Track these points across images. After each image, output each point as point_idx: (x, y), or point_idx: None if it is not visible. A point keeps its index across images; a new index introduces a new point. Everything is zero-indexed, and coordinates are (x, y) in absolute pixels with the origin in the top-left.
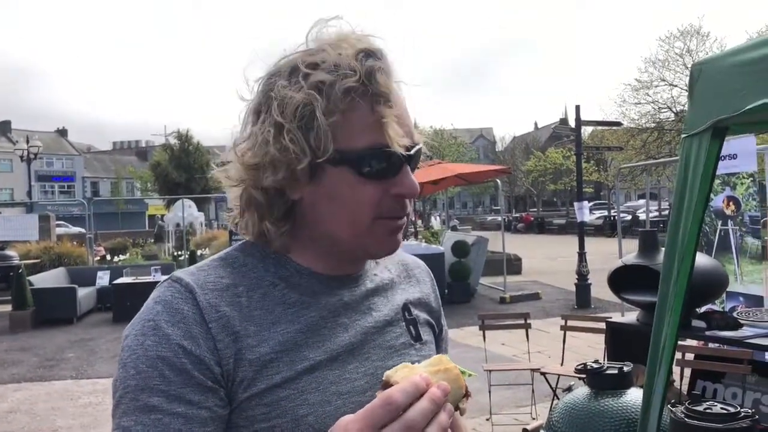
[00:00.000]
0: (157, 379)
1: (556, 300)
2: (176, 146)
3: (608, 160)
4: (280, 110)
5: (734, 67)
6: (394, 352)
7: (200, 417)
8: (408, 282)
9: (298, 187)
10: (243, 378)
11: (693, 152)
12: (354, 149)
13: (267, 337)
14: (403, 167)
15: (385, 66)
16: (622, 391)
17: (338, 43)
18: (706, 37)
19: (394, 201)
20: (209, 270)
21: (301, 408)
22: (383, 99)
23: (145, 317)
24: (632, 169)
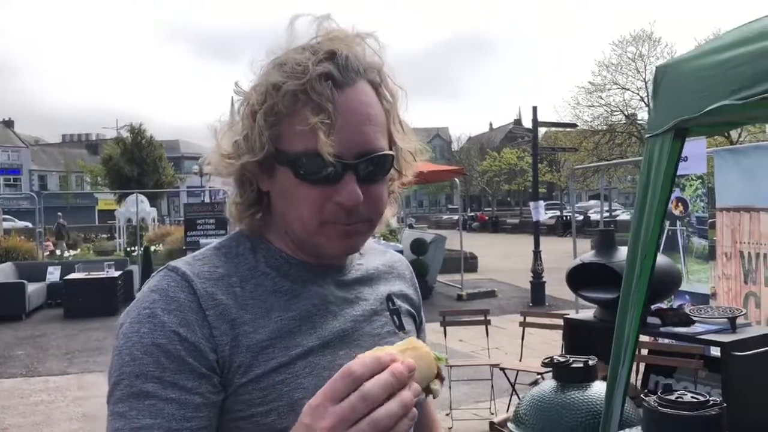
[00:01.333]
0: (152, 366)
1: (512, 297)
2: (129, 140)
3: (561, 161)
4: (240, 108)
5: (696, 70)
6: (381, 339)
7: (193, 402)
8: (390, 274)
9: (261, 179)
10: (240, 364)
11: (656, 152)
12: (290, 152)
13: (262, 324)
14: (344, 176)
15: (338, 71)
16: (587, 384)
17: (317, 44)
18: (658, 43)
19: (337, 208)
20: (204, 260)
21: (296, 392)
22: (316, 107)
23: (141, 305)
24: (584, 170)
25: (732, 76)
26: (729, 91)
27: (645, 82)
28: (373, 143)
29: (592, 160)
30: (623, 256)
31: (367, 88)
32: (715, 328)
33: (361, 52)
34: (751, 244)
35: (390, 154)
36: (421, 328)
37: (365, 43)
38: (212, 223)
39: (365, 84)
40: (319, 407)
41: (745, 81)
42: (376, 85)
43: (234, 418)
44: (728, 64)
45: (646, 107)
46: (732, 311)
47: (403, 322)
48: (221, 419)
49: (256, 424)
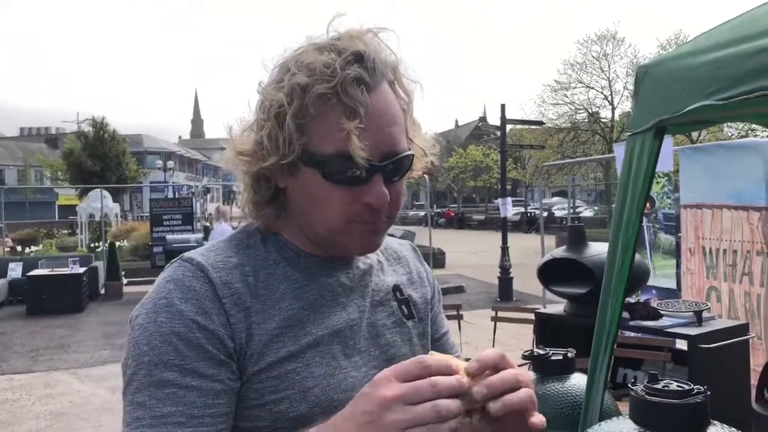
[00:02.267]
0: (171, 354)
1: (480, 293)
2: (90, 134)
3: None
4: (262, 106)
5: (676, 70)
6: (386, 329)
7: (214, 390)
8: (398, 263)
9: (281, 177)
10: (253, 352)
11: (636, 149)
12: (321, 153)
13: (274, 314)
14: (374, 177)
15: (365, 75)
16: (566, 376)
17: (338, 43)
18: (621, 42)
19: (364, 208)
20: (217, 251)
21: (308, 380)
22: (350, 110)
23: (157, 296)
24: (548, 167)
25: (712, 78)
26: (709, 92)
27: (609, 81)
28: (398, 144)
29: (557, 157)
30: (593, 251)
31: (388, 89)
32: (682, 321)
33: (377, 49)
34: (712, 240)
35: (411, 154)
36: (437, 306)
37: (379, 38)
38: (178, 218)
39: (386, 84)
40: (385, 379)
41: (724, 83)
42: (392, 84)
43: (248, 407)
44: (707, 66)
45: (609, 106)
46: (698, 305)
47: (413, 311)
48: (237, 408)
49: (270, 411)
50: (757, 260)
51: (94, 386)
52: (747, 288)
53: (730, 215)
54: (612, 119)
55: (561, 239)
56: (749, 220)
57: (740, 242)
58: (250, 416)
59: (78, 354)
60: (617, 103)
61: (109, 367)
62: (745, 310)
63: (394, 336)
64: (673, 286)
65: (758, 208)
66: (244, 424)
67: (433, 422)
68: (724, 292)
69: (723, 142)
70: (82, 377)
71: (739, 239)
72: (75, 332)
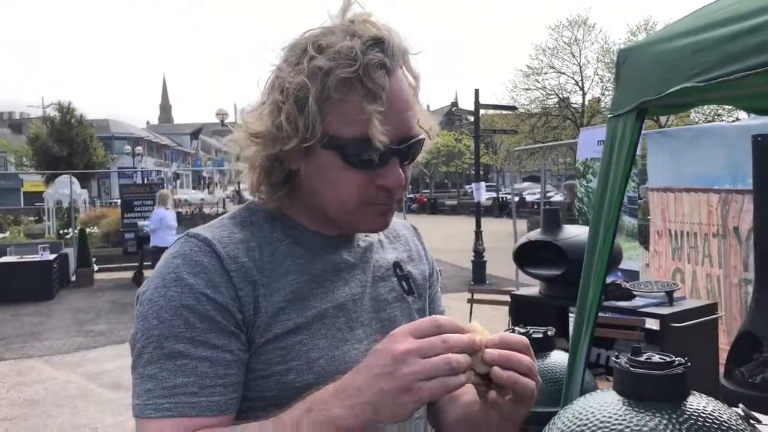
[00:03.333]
0: (182, 327)
1: (454, 276)
2: (57, 119)
3: (498, 144)
4: (280, 89)
5: (657, 54)
6: (387, 304)
7: (225, 360)
8: (398, 241)
9: (295, 159)
10: (260, 324)
11: (618, 131)
12: (342, 137)
13: (279, 287)
14: (390, 160)
15: (386, 60)
16: (547, 353)
17: (354, 27)
18: (592, 28)
19: (380, 190)
20: (222, 227)
21: (313, 351)
22: (371, 95)
23: (165, 271)
24: (520, 152)
25: (693, 61)
26: (690, 75)
27: (580, 67)
28: (413, 129)
29: (528, 142)
30: (567, 234)
31: (402, 73)
32: (654, 301)
33: (391, 34)
34: (677, 222)
35: (423, 138)
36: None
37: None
38: (150, 204)
39: (401, 69)
40: (399, 335)
41: (704, 66)
42: (403, 69)
43: (255, 377)
44: (688, 49)
45: (580, 91)
46: (669, 285)
47: (413, 286)
48: (246, 379)
49: (277, 382)
50: (714, 242)
51: (69, 373)
52: (708, 270)
53: (690, 198)
54: (583, 104)
55: (532, 223)
56: (709, 203)
57: (699, 225)
58: (258, 386)
59: (51, 341)
60: (588, 89)
61: (84, 354)
62: (707, 291)
63: (394, 310)
64: (636, 268)
65: (718, 191)
66: (252, 394)
67: (445, 375)
68: (688, 273)
69: (689, 127)
70: (56, 364)
71: (698, 222)
72: (46, 319)
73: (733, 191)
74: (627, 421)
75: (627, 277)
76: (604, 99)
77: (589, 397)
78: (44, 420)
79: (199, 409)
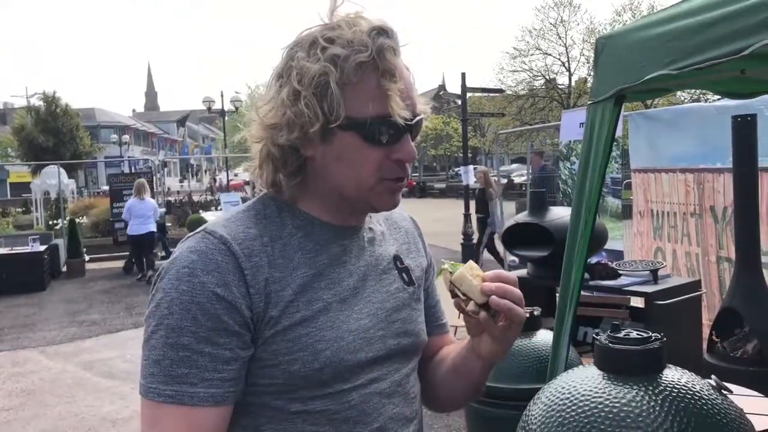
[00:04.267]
0: (189, 321)
1: (444, 258)
2: (42, 108)
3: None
4: (299, 78)
5: (634, 42)
6: (390, 296)
7: (224, 357)
8: (398, 232)
9: (310, 146)
10: (270, 318)
11: (598, 117)
12: (362, 117)
13: (290, 281)
14: (404, 135)
15: (394, 44)
16: (533, 332)
17: (354, 20)
18: (578, 9)
19: (395, 164)
20: (237, 222)
21: (320, 343)
22: (389, 74)
23: (180, 264)
24: (507, 135)
25: (668, 49)
26: (665, 62)
27: (566, 48)
28: (419, 106)
29: (516, 124)
30: (554, 215)
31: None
32: (639, 280)
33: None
34: (658, 203)
35: (424, 117)
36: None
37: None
38: None
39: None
40: None
41: (679, 53)
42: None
43: (263, 366)
44: (663, 37)
45: (566, 72)
46: (654, 264)
47: (412, 278)
48: (253, 367)
49: (284, 371)
50: (692, 221)
51: (64, 363)
52: (687, 248)
53: (669, 178)
54: (569, 85)
55: (521, 205)
56: (686, 183)
57: (678, 204)
58: (266, 374)
59: (44, 332)
60: (574, 70)
61: (78, 344)
62: (687, 269)
63: (396, 301)
64: (621, 248)
65: (692, 170)
66: (260, 381)
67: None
68: (668, 252)
69: (669, 108)
70: (51, 354)
71: (676, 201)
72: (39, 310)
73: (707, 171)
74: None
75: (612, 257)
76: (591, 79)
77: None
78: (42, 410)
79: (197, 399)
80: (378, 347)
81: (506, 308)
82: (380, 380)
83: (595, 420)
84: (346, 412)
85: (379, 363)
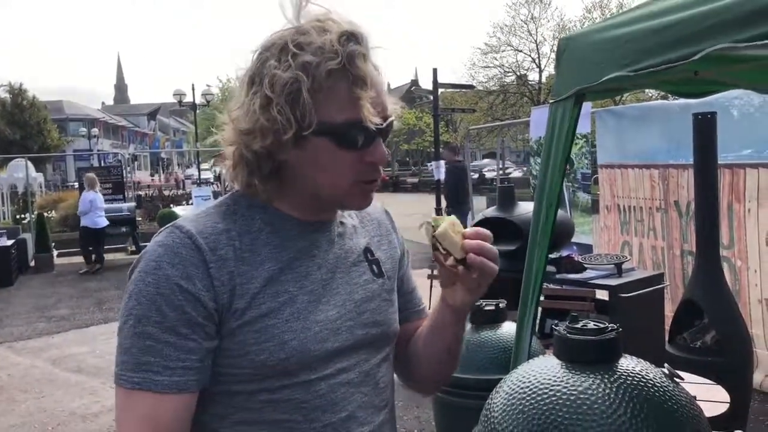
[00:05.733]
0: (154, 312)
1: (415, 254)
2: (8, 101)
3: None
4: (270, 85)
5: (595, 43)
6: (359, 287)
7: (187, 347)
8: (370, 224)
9: (284, 150)
10: (236, 309)
11: (558, 116)
12: (334, 122)
13: (256, 275)
14: (375, 139)
15: (364, 50)
16: (498, 324)
17: (324, 24)
18: (549, 6)
19: (368, 167)
20: (207, 217)
21: (286, 334)
22: (360, 82)
23: (149, 258)
24: (479, 130)
25: (624, 51)
26: (622, 64)
27: (536, 44)
28: (388, 109)
29: (487, 120)
30: (522, 210)
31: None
32: (604, 273)
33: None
34: (624, 198)
35: (394, 118)
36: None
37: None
38: (109, 187)
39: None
40: None
41: (635, 55)
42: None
43: (232, 356)
44: (621, 39)
45: (537, 68)
46: (618, 258)
47: (383, 270)
48: (221, 357)
49: (251, 361)
50: (657, 216)
51: (33, 358)
52: (653, 242)
53: (635, 174)
54: (539, 81)
55: (492, 199)
56: (651, 178)
57: (644, 199)
58: (234, 364)
59: (12, 327)
60: (544, 66)
61: (47, 339)
62: (653, 262)
63: (365, 292)
64: (590, 242)
65: (657, 166)
66: (227, 371)
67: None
68: (635, 246)
69: (635, 105)
70: (19, 350)
71: (642, 196)
72: (6, 306)
73: (671, 166)
74: (564, 382)
75: (581, 250)
76: None
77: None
78: (10, 405)
79: (161, 386)
80: (345, 337)
81: (482, 265)
82: (348, 370)
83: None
84: (314, 401)
85: (347, 353)
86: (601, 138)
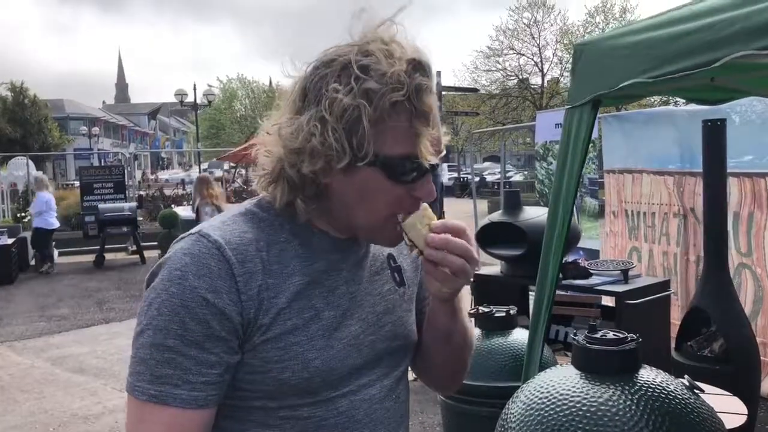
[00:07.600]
0: (177, 325)
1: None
2: (9, 99)
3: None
4: (329, 109)
5: (611, 50)
6: (382, 298)
7: (209, 361)
8: None
9: (330, 175)
10: (261, 324)
11: (575, 121)
12: (390, 156)
13: (284, 288)
14: (426, 175)
15: (430, 83)
16: (509, 331)
17: (388, 48)
18: (551, 9)
19: (413, 201)
20: (233, 225)
21: (310, 352)
22: (424, 118)
23: (173, 266)
24: (481, 133)
25: (642, 58)
26: (640, 71)
27: (539, 48)
28: (441, 143)
29: (489, 123)
30: (528, 215)
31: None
32: (610, 279)
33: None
34: (633, 203)
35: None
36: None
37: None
38: (110, 186)
39: None
40: None
41: (654, 62)
42: None
43: (254, 372)
44: (639, 46)
45: (539, 72)
46: (625, 264)
47: (403, 278)
48: (242, 373)
49: (273, 379)
50: (674, 222)
51: (33, 358)
52: (665, 248)
53: (650, 180)
54: (542, 85)
55: (493, 203)
56: (666, 184)
57: (658, 205)
58: (255, 380)
59: (12, 326)
60: (547, 70)
61: (47, 339)
62: (663, 268)
63: (387, 304)
64: (598, 248)
65: (672, 173)
66: (249, 387)
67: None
68: (645, 251)
69: (642, 111)
70: (19, 350)
71: (657, 202)
72: (7, 304)
73: (687, 173)
74: (584, 393)
75: (588, 255)
76: (563, 80)
77: (550, 371)
78: (11, 406)
79: (179, 401)
80: (367, 352)
81: (442, 260)
82: (370, 386)
83: (573, 419)
84: (334, 419)
85: (369, 368)
86: (607, 143)
